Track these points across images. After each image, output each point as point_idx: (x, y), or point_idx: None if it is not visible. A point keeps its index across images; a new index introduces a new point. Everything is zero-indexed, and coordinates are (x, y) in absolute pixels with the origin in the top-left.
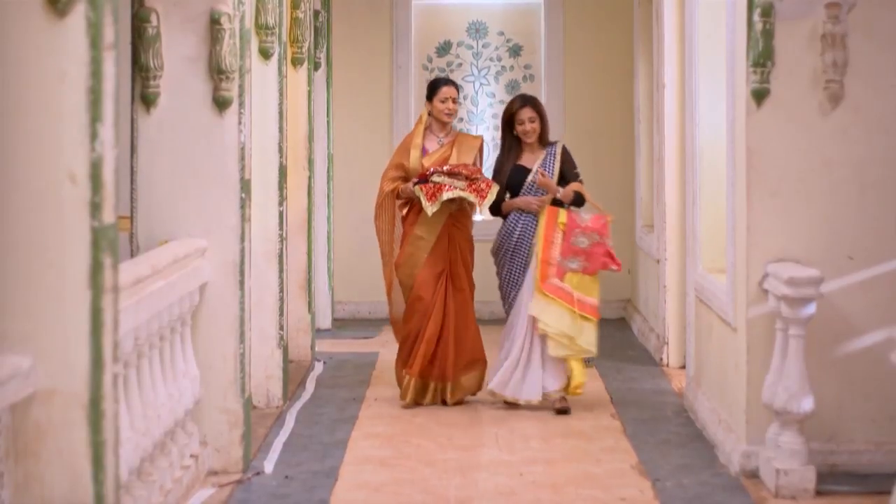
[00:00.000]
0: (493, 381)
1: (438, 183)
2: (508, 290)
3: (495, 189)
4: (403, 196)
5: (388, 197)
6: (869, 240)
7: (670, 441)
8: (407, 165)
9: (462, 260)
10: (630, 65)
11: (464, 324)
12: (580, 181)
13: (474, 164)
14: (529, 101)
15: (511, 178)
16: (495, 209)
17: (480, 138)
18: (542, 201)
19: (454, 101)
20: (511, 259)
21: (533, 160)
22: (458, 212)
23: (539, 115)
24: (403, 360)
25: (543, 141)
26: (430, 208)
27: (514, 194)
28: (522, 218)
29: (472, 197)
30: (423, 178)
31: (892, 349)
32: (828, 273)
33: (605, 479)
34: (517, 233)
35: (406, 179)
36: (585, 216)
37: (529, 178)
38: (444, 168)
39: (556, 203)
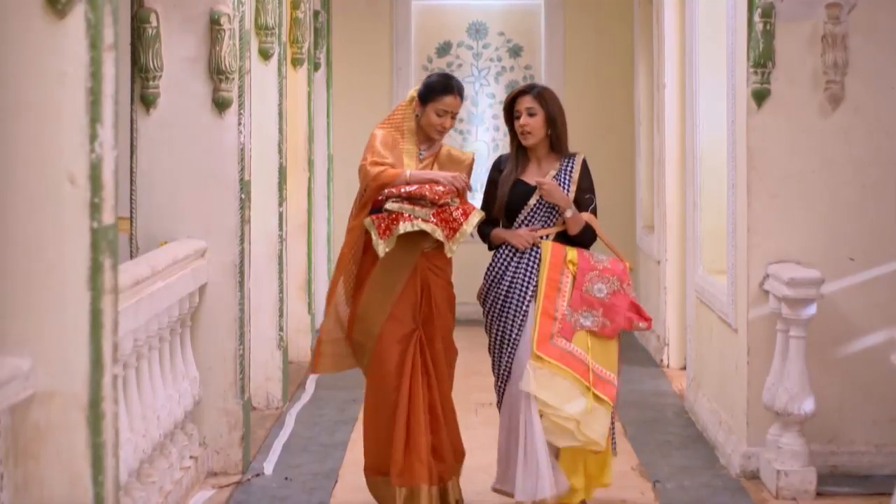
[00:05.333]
0: (496, 478)
1: (393, 212)
2: (500, 355)
3: (475, 218)
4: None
5: (374, 184)
6: (869, 240)
7: (671, 442)
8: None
9: (439, 317)
10: (630, 65)
11: (422, 423)
12: (593, 209)
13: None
14: (532, 90)
15: (509, 197)
16: (484, 237)
17: (470, 156)
18: (533, 237)
19: (453, 117)
20: (501, 312)
21: (540, 175)
22: (434, 250)
23: (545, 111)
24: (376, 463)
25: (558, 150)
26: (381, 246)
27: (512, 220)
28: (518, 253)
29: (438, 232)
30: (377, 206)
31: (893, 350)
32: (828, 274)
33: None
34: (509, 275)
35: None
36: (602, 256)
37: (532, 199)
38: (403, 190)
39: (562, 239)
